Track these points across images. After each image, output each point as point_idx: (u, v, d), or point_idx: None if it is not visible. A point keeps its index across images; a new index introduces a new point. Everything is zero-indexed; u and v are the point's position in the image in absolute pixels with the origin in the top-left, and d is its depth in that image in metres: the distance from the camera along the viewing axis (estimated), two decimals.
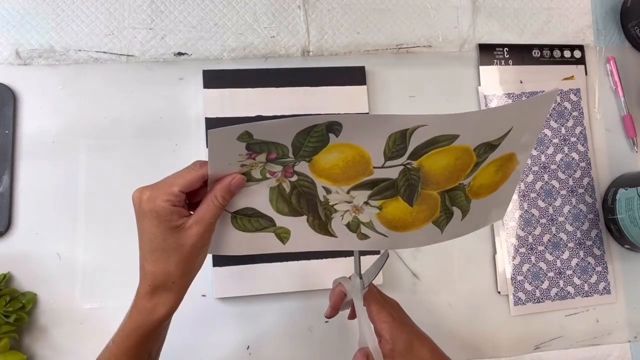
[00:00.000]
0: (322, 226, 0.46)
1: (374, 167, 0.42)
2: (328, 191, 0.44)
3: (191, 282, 0.45)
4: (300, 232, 0.46)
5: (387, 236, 0.47)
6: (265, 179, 0.43)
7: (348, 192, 0.44)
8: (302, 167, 0.42)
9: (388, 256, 0.50)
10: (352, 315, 0.53)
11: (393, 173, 0.43)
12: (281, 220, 0.46)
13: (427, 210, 0.46)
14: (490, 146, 0.43)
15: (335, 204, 0.45)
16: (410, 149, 0.41)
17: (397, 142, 0.40)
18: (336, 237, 0.47)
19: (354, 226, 0.47)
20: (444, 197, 0.46)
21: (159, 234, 0.42)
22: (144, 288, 0.44)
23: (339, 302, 0.51)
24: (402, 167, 0.42)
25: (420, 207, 0.46)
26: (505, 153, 0.45)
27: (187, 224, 0.42)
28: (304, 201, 0.44)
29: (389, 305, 0.51)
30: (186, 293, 0.46)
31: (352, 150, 0.41)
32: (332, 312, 0.52)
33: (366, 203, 0.45)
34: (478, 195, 0.47)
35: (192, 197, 0.44)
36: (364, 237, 0.47)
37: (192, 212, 0.43)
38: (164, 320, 0.44)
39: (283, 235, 0.46)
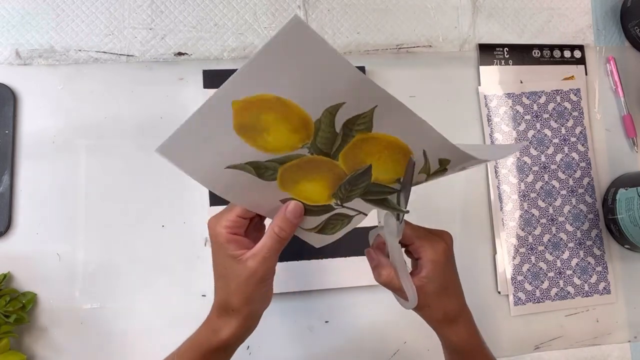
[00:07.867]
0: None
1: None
2: None
3: (260, 312, 0.44)
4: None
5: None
6: None
7: None
8: None
9: (414, 164, 0.40)
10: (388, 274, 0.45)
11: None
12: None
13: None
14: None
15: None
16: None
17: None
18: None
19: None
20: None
21: (219, 261, 0.41)
22: (214, 307, 0.44)
23: (381, 257, 0.45)
24: None
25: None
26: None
27: (245, 257, 0.40)
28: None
29: (438, 238, 0.44)
30: (257, 324, 0.45)
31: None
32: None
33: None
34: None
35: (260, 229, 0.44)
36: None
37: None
38: (227, 343, 0.43)
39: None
